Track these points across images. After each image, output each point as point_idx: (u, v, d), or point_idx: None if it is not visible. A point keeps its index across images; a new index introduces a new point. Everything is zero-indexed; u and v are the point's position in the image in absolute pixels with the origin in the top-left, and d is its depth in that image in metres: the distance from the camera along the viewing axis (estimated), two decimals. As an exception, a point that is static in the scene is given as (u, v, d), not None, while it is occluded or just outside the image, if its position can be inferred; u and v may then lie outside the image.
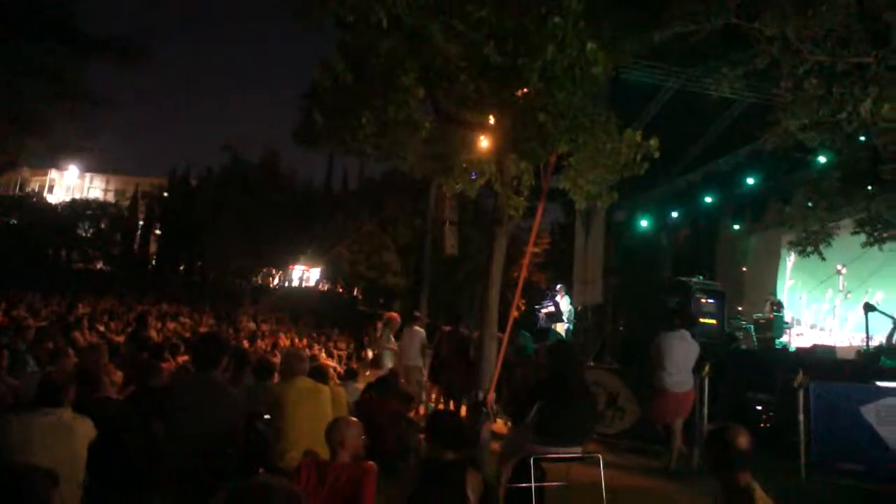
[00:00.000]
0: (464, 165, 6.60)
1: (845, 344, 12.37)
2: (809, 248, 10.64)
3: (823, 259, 10.91)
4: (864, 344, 10.27)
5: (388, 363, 10.37)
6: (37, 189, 50.89)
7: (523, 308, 17.77)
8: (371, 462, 3.70)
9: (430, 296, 15.48)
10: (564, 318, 13.35)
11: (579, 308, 14.16)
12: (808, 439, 6.97)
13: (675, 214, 16.21)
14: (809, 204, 10.78)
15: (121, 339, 10.79)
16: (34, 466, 2.25)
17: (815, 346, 11.22)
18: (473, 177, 6.89)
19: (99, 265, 44.60)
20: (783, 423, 8.03)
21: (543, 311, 13.74)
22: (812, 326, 14.41)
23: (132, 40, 15.15)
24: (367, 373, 11.66)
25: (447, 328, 10.44)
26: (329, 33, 5.82)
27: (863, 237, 11.19)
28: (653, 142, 5.99)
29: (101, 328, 12.80)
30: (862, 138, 8.63)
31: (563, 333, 13.03)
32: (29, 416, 3.74)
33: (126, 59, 14.73)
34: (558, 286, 13.94)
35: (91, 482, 3.88)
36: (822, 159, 11.16)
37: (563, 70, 4.79)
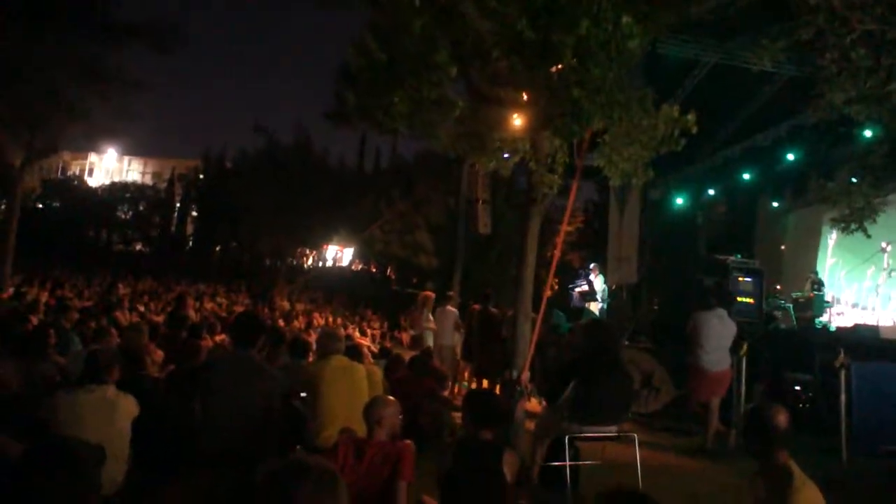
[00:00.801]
0: (497, 144, 6.54)
1: (889, 323, 12.05)
2: (853, 225, 10.32)
3: (868, 236, 10.58)
4: (910, 323, 9.99)
5: (429, 342, 10.43)
6: (77, 172, 52.08)
7: (557, 287, 17.68)
8: (409, 441, 3.73)
9: (464, 275, 15.48)
10: (598, 297, 13.25)
11: (613, 287, 14.04)
12: (850, 420, 6.83)
13: (711, 192, 15.87)
14: (854, 179, 10.44)
15: (160, 318, 11.04)
16: (85, 442, 2.32)
17: (856, 326, 10.96)
18: (506, 155, 6.83)
19: (138, 247, 45.65)
20: (823, 403, 7.89)
21: (577, 290, 13.66)
22: (853, 305, 14.06)
23: (167, 24, 15.27)
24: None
25: (478, 307, 10.46)
26: (360, 13, 5.80)
27: (909, 213, 10.81)
28: (690, 117, 5.85)
29: (141, 308, 13.12)
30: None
31: (597, 312, 12.94)
32: (76, 394, 3.85)
33: (161, 43, 14.86)
34: (592, 265, 13.82)
35: (133, 459, 3.99)
36: (867, 133, 10.77)
37: (598, 45, 4.69)
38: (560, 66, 4.89)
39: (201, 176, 46.56)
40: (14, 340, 5.77)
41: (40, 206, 41.38)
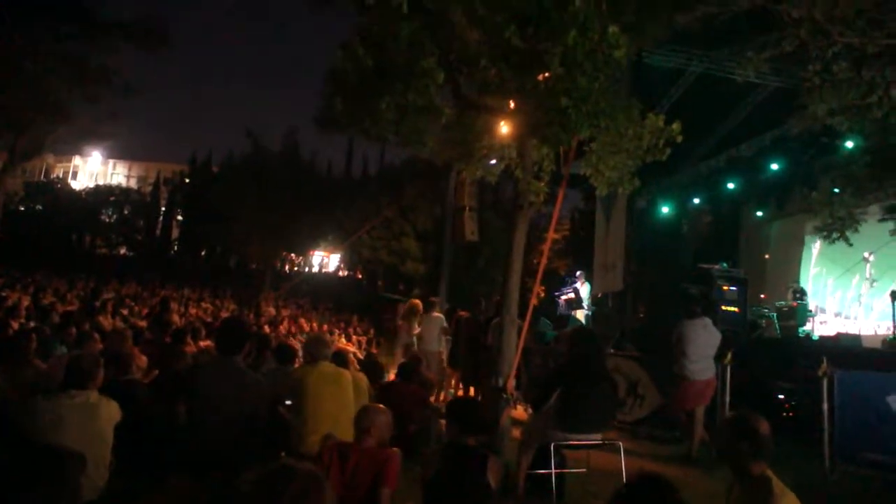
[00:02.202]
0: (484, 151, 6.57)
1: (871, 332, 12.19)
2: (835, 235, 10.46)
3: (850, 245, 10.72)
4: (891, 332, 10.10)
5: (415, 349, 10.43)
6: (61, 175, 51.64)
7: (543, 295, 17.71)
8: (395, 448, 3.72)
9: (450, 282, 15.47)
10: (584, 304, 13.29)
11: (599, 295, 14.09)
12: (832, 429, 6.89)
13: (696, 201, 16.03)
14: (836, 190, 10.59)
15: (144, 323, 10.93)
16: (65, 449, 2.30)
17: (839, 335, 11.07)
18: (493, 162, 6.86)
19: (122, 250, 45.27)
20: (806, 412, 7.94)
21: (563, 297, 13.69)
22: (837, 315, 14.21)
23: (153, 24, 15.18)
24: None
25: (463, 314, 10.45)
26: (349, 18, 5.80)
27: (891, 224, 10.97)
28: (675, 126, 5.91)
29: (125, 312, 12.99)
30: (893, 122, 8.42)
31: (582, 320, 12.99)
32: (58, 399, 3.81)
33: (147, 43, 14.78)
34: (578, 273, 13.86)
35: (117, 464, 3.95)
36: (849, 144, 10.94)
37: (584, 54, 4.72)
38: (547, 75, 4.93)
39: (187, 180, 46.27)
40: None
41: (23, 208, 40.91)
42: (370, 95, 5.35)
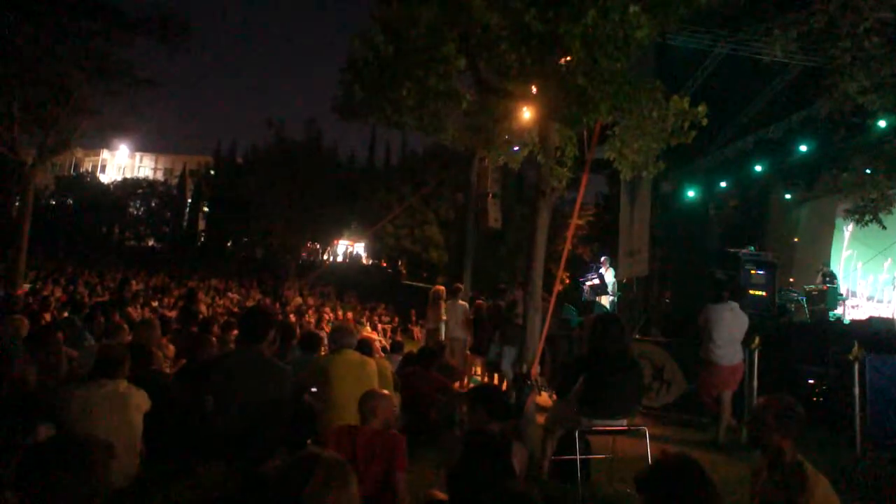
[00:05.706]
0: (506, 137, 6.53)
1: (904, 316, 11.92)
2: (868, 216, 10.22)
3: (884, 227, 10.47)
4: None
5: (442, 335, 10.49)
6: (90, 169, 52.50)
7: (567, 281, 17.62)
8: (395, 432, 3.76)
9: (474, 270, 15.44)
10: (609, 290, 13.19)
11: (624, 280, 13.97)
12: (863, 414, 6.76)
13: (723, 184, 15.73)
14: (868, 170, 10.33)
15: (172, 314, 11.10)
16: (93, 437, 2.33)
17: (871, 319, 10.86)
18: (516, 149, 6.82)
19: (150, 242, 45.98)
20: (837, 396, 7.82)
21: (588, 283, 13.60)
22: (869, 298, 13.92)
23: (174, 18, 15.27)
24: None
25: (481, 303, 10.47)
26: (367, 5, 5.79)
27: (925, 205, 10.67)
28: (700, 109, 5.81)
29: (154, 303, 13.21)
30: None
31: (607, 306, 12.89)
32: (88, 388, 3.89)
33: (169, 37, 14.85)
34: (603, 258, 13.75)
35: (147, 452, 4.03)
36: (882, 123, 10.64)
37: (605, 36, 4.66)
38: (568, 58, 4.87)
39: (212, 172, 46.74)
40: (28, 337, 5.82)
41: (53, 202, 41.72)
42: (390, 83, 5.35)
